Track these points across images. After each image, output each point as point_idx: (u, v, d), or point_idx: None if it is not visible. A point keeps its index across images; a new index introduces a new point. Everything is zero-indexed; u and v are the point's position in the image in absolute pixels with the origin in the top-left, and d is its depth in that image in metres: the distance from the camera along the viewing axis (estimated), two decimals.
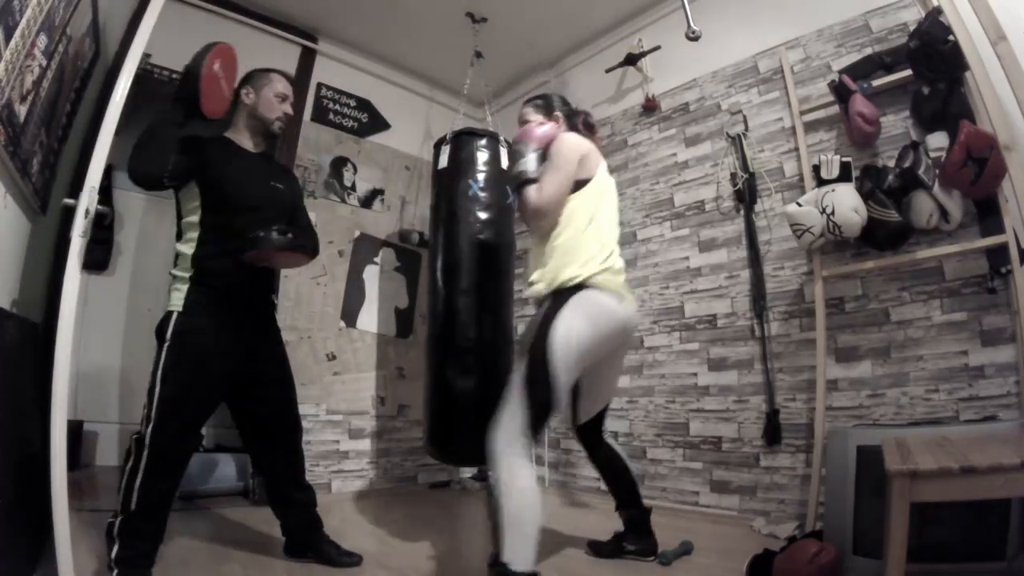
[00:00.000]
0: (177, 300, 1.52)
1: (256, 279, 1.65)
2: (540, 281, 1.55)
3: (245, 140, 1.69)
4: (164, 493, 1.46)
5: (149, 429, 1.41)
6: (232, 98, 1.65)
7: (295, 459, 1.75)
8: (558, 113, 1.77)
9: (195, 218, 1.57)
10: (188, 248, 1.56)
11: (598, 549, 1.82)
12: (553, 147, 1.58)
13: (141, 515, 1.40)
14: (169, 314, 1.52)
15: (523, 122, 1.76)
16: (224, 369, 1.56)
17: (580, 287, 1.47)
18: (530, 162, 1.56)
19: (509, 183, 1.55)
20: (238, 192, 1.59)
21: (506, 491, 1.29)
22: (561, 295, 1.47)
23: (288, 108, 1.71)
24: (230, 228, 1.55)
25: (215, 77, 1.48)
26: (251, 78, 1.70)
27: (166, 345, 1.48)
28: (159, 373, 1.45)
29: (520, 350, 1.45)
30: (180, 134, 1.47)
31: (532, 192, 1.52)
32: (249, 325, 1.65)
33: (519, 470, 1.31)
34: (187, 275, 1.54)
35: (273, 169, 1.78)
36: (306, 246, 1.65)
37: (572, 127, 1.77)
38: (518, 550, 1.26)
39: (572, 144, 1.59)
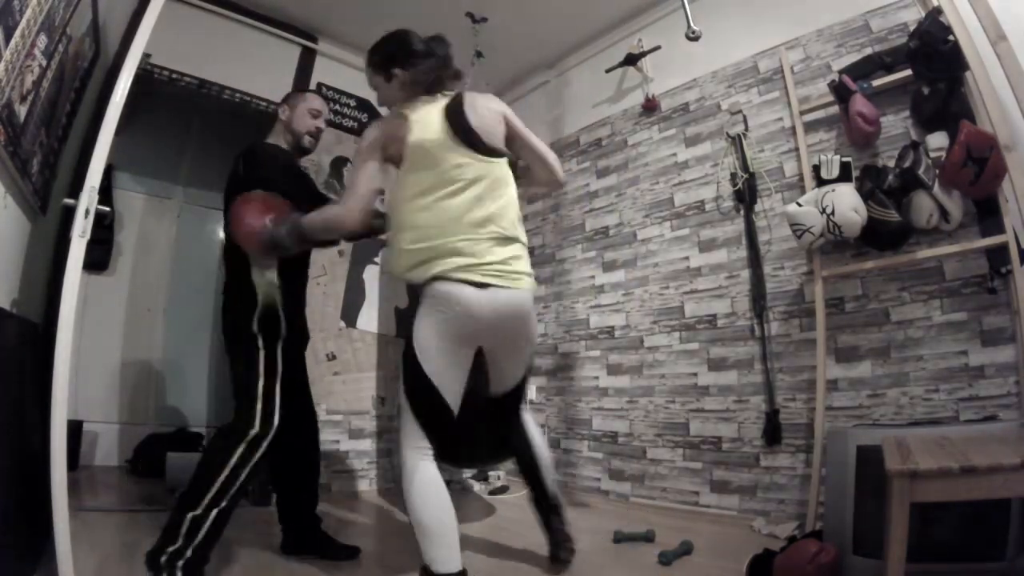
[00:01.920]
0: (275, 293, 1.56)
1: (304, 279, 1.81)
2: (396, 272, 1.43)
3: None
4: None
5: (272, 429, 1.44)
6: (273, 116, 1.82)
7: (313, 456, 1.81)
8: (396, 70, 1.47)
9: None
10: None
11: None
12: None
13: (230, 508, 1.41)
14: (273, 306, 1.55)
15: (372, 86, 1.55)
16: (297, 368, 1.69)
17: (424, 283, 1.33)
18: (280, 228, 1.42)
19: (289, 246, 1.42)
20: (294, 196, 1.65)
21: (407, 495, 1.31)
22: (414, 292, 1.41)
23: (321, 124, 1.79)
24: None
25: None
26: (287, 97, 1.81)
27: (281, 342, 1.53)
28: (279, 372, 1.50)
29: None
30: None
31: (332, 215, 1.41)
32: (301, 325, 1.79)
33: (415, 475, 1.31)
34: (275, 270, 1.58)
35: (310, 182, 1.95)
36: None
37: (419, 84, 1.47)
38: (433, 552, 1.27)
39: (367, 134, 1.43)
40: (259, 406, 1.45)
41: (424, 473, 1.31)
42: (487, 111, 1.49)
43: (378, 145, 1.40)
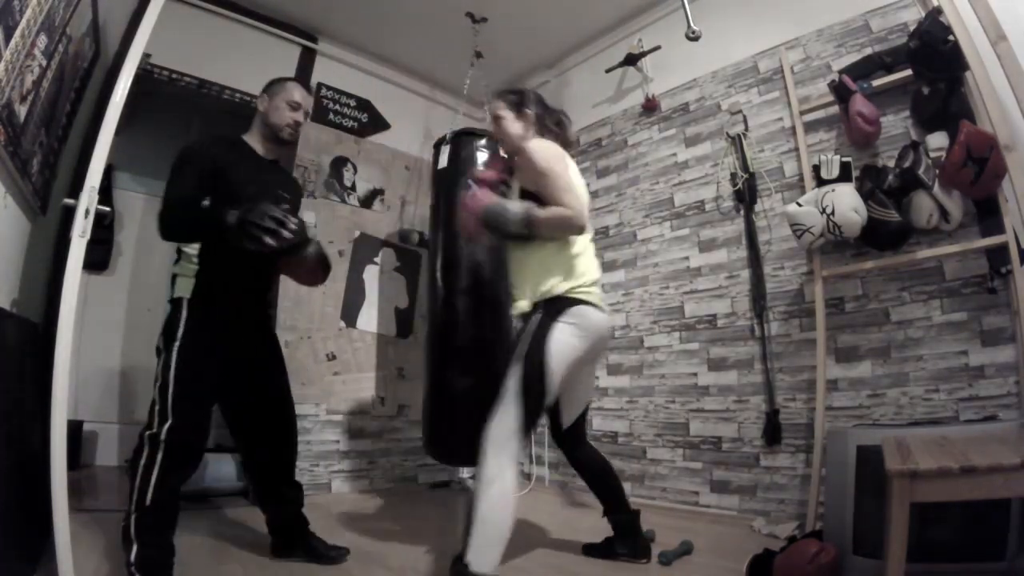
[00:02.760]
0: (185, 288, 1.54)
1: (256, 281, 1.69)
2: (528, 296, 1.57)
3: (258, 145, 1.70)
4: (176, 485, 1.48)
5: (166, 427, 1.41)
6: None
7: (288, 454, 1.76)
8: (528, 111, 1.69)
9: None
10: (194, 245, 1.60)
11: (590, 551, 1.82)
12: (534, 164, 1.51)
13: (157, 508, 1.40)
14: (178, 303, 1.53)
15: (495, 116, 1.71)
16: (231, 367, 1.59)
17: (572, 302, 1.51)
18: (512, 207, 1.52)
19: (516, 234, 1.52)
20: (245, 194, 1.59)
21: (485, 491, 1.30)
22: (551, 309, 1.50)
23: (299, 116, 1.70)
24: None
25: None
26: (268, 86, 1.73)
27: (177, 345, 1.48)
28: (173, 371, 1.46)
29: (515, 358, 1.46)
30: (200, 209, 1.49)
31: (562, 212, 1.46)
32: (250, 322, 1.68)
33: (504, 472, 1.32)
34: (194, 268, 1.56)
35: (280, 177, 1.81)
36: (329, 266, 1.74)
37: (542, 127, 1.70)
38: (483, 551, 1.27)
39: (552, 151, 1.55)
40: (156, 407, 1.44)
41: (511, 475, 1.34)
42: None
43: (565, 161, 1.57)
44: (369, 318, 3.10)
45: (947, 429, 1.58)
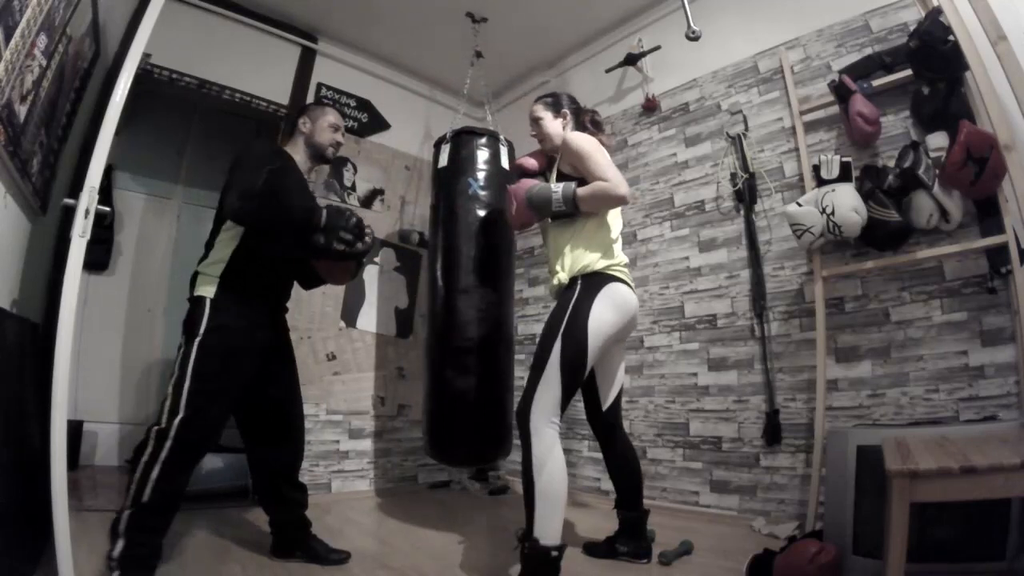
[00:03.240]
0: (208, 289, 1.56)
1: (280, 284, 1.76)
2: (564, 271, 1.64)
3: (302, 163, 1.81)
4: (178, 488, 1.47)
5: (176, 421, 1.41)
6: (289, 125, 1.85)
7: (295, 455, 1.78)
8: (566, 110, 1.82)
9: None
10: (228, 244, 1.60)
11: (592, 550, 1.83)
12: (574, 148, 1.63)
13: (153, 508, 1.39)
14: (200, 301, 1.54)
15: (534, 119, 1.84)
16: (251, 367, 1.61)
17: (608, 278, 1.60)
18: (555, 186, 1.64)
19: (561, 212, 1.63)
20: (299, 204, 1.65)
21: (539, 466, 1.38)
22: (590, 283, 1.58)
23: (340, 137, 1.86)
24: (275, 238, 1.63)
25: None
26: (307, 110, 1.85)
27: (198, 340, 1.49)
28: (191, 369, 1.46)
29: (550, 333, 1.51)
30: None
31: (603, 185, 1.56)
32: (269, 323, 1.72)
33: (553, 447, 1.40)
34: (222, 266, 1.58)
35: (311, 192, 1.90)
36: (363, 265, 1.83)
37: (579, 125, 1.82)
38: (547, 525, 1.36)
39: (587, 138, 1.66)
40: (168, 402, 1.44)
41: (559, 448, 1.42)
42: None
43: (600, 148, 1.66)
44: (369, 318, 3.10)
45: (947, 429, 1.58)
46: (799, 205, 2.01)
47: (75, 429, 2.69)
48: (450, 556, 1.82)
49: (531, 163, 1.93)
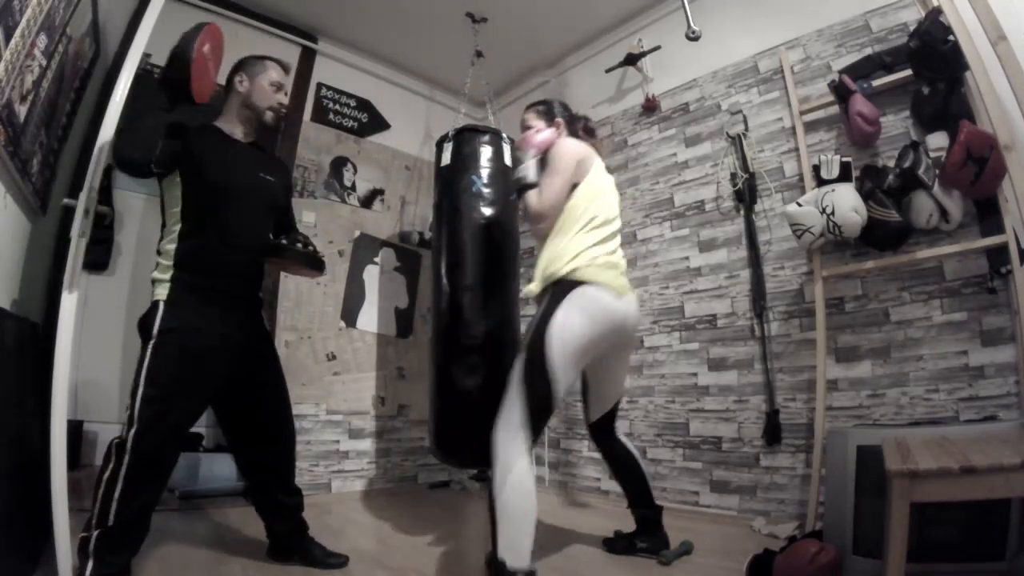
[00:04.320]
0: (161, 291, 1.44)
1: (241, 276, 1.59)
2: (535, 280, 1.58)
3: (236, 129, 1.61)
4: (145, 504, 1.38)
5: (132, 433, 1.32)
6: (225, 84, 1.61)
7: (287, 462, 1.70)
8: (559, 119, 1.80)
9: (176, 209, 1.49)
10: (170, 241, 1.48)
11: (612, 546, 1.85)
12: (551, 152, 1.63)
13: (120, 528, 1.31)
14: (155, 305, 1.43)
15: (525, 127, 1.79)
16: (215, 369, 1.50)
17: (575, 283, 1.48)
18: (530, 168, 1.63)
19: (511, 188, 1.63)
20: (222, 181, 1.51)
21: (500, 486, 1.30)
22: (556, 290, 1.49)
23: (283, 98, 1.63)
24: (214, 220, 1.49)
25: (204, 59, 1.40)
26: (245, 64, 1.62)
27: (151, 343, 1.38)
28: (144, 373, 1.36)
29: (520, 347, 1.46)
30: (168, 119, 1.38)
31: (532, 197, 1.58)
32: (236, 322, 1.56)
33: (514, 465, 1.32)
34: (170, 266, 1.46)
35: (263, 159, 1.69)
36: (323, 263, 1.68)
37: (572, 132, 1.81)
38: (512, 546, 1.27)
39: (569, 149, 1.63)
40: (127, 412, 1.36)
41: (524, 467, 1.33)
42: None
43: (577, 164, 1.62)
44: (369, 318, 3.10)
45: (947, 429, 1.58)
46: (799, 205, 2.01)
47: (75, 429, 2.69)
48: (450, 556, 1.82)
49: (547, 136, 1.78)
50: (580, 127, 1.84)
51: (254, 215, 1.60)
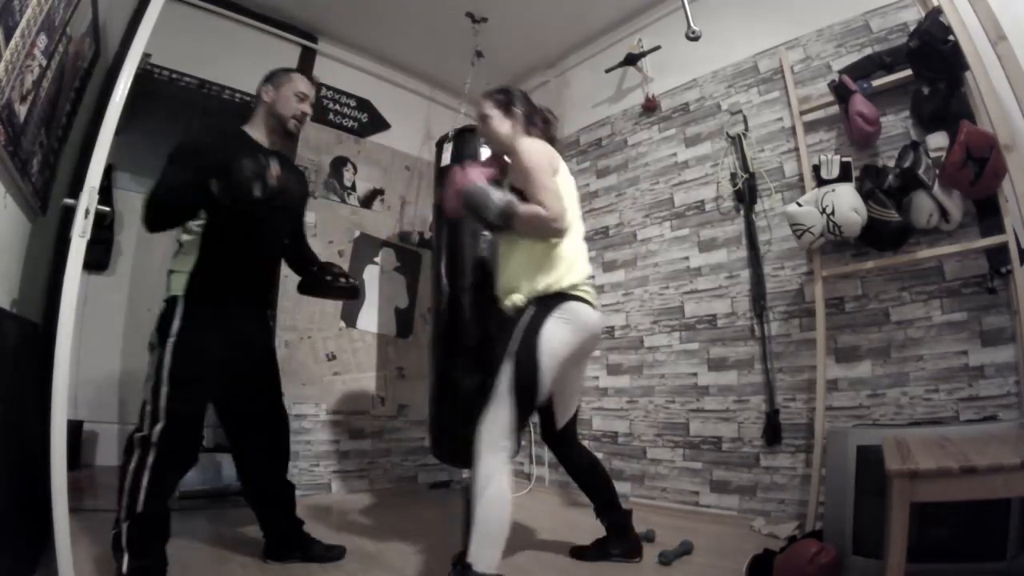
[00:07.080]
0: (178, 286, 1.49)
1: (257, 277, 1.67)
2: (520, 292, 1.53)
3: (262, 137, 1.67)
4: (170, 490, 1.46)
5: (158, 428, 1.38)
6: (255, 94, 1.69)
7: (280, 455, 1.74)
8: (517, 111, 1.67)
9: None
10: (197, 241, 1.54)
11: (580, 554, 1.80)
12: (522, 160, 1.49)
13: (148, 516, 1.36)
14: (173, 301, 1.49)
15: (481, 115, 1.68)
16: (231, 368, 1.56)
17: (564, 297, 1.49)
18: (496, 193, 1.46)
19: (493, 223, 1.48)
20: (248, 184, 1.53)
21: (480, 490, 1.31)
22: (544, 303, 1.48)
23: (307, 108, 1.70)
24: (237, 219, 1.53)
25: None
26: (272, 76, 1.70)
27: (171, 341, 1.44)
28: (165, 371, 1.41)
29: (506, 355, 1.43)
30: (190, 182, 1.45)
31: (533, 207, 1.43)
32: (248, 320, 1.64)
33: (497, 472, 1.33)
34: (191, 259, 1.52)
35: (287, 167, 1.74)
36: (358, 291, 1.83)
37: (530, 124, 1.69)
38: (483, 551, 1.28)
39: (540, 148, 1.54)
40: (148, 407, 1.40)
41: (506, 474, 1.35)
42: None
43: (551, 162, 1.54)
44: (369, 318, 3.10)
45: (947, 429, 1.58)
46: (799, 205, 2.00)
47: (75, 429, 2.69)
48: (449, 556, 1.82)
49: (485, 170, 1.61)
50: (539, 118, 1.71)
51: (275, 219, 1.66)
